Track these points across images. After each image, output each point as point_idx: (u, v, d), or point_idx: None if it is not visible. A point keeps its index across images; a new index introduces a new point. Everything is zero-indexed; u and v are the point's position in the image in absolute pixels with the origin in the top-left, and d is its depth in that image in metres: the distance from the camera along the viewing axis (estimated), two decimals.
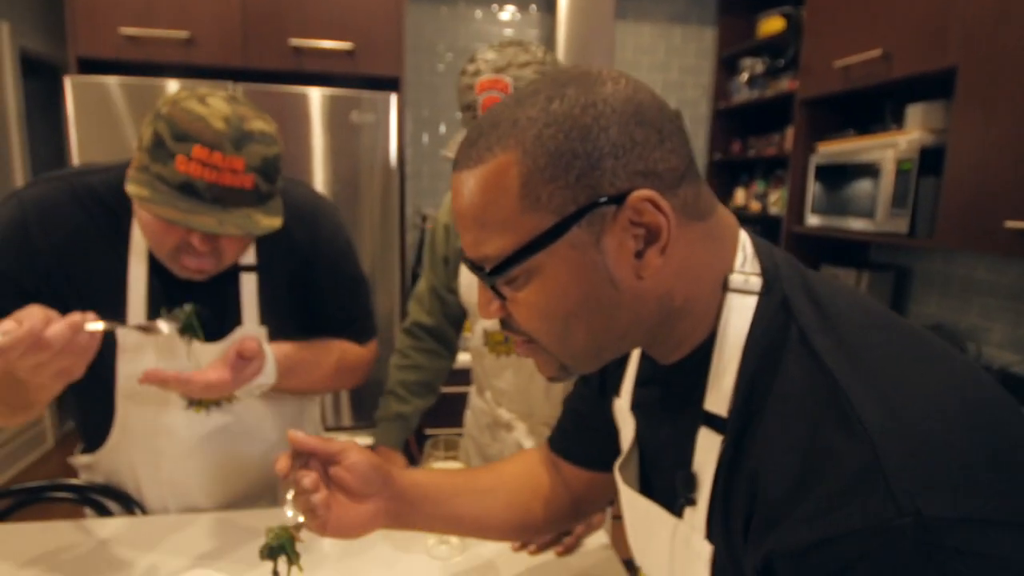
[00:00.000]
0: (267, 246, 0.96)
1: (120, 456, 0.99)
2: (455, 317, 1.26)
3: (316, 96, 1.90)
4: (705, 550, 0.50)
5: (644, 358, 0.62)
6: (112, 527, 0.97)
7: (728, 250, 0.51)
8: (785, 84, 2.28)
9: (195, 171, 0.76)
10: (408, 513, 0.70)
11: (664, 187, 0.46)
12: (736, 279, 0.50)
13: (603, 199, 0.45)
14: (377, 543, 0.97)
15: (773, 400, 0.45)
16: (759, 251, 0.51)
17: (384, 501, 0.68)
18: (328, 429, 2.06)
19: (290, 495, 0.64)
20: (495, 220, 0.47)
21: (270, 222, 0.82)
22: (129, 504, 1.02)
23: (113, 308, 0.92)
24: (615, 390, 0.67)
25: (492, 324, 1.15)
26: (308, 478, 0.63)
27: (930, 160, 1.61)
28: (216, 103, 0.79)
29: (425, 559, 0.93)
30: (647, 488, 0.62)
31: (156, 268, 0.91)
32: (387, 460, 1.08)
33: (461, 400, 1.38)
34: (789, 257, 0.52)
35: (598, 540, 0.99)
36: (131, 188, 0.78)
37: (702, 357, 0.51)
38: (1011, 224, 1.32)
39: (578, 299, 0.48)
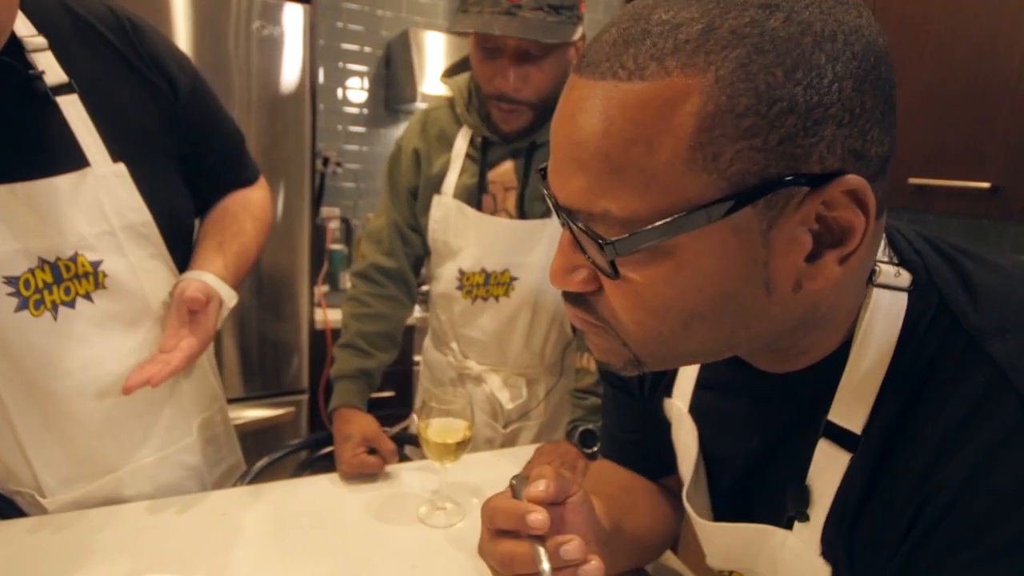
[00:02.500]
0: (69, 56, 0.72)
1: None
2: (417, 258, 1.11)
3: None
4: (822, 569, 0.44)
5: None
6: None
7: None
8: None
9: None
10: (615, 546, 0.56)
11: (870, 177, 0.34)
12: (886, 271, 0.40)
13: (802, 177, 0.33)
14: (363, 519, 0.82)
15: (937, 419, 0.38)
16: (892, 236, 0.43)
17: (596, 544, 0.51)
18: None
19: (545, 564, 0.46)
20: (639, 167, 0.33)
21: None
22: None
23: None
24: (666, 390, 0.59)
25: (471, 264, 1.02)
26: (574, 545, 0.45)
27: None
28: None
29: (423, 529, 0.82)
30: (725, 505, 0.55)
31: None
32: (361, 428, 0.92)
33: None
34: (926, 235, 0.44)
35: None
36: None
37: (830, 366, 0.42)
38: (914, 181, 1.47)
39: (716, 298, 0.36)
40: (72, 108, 0.71)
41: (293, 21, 1.61)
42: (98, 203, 0.72)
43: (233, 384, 1.83)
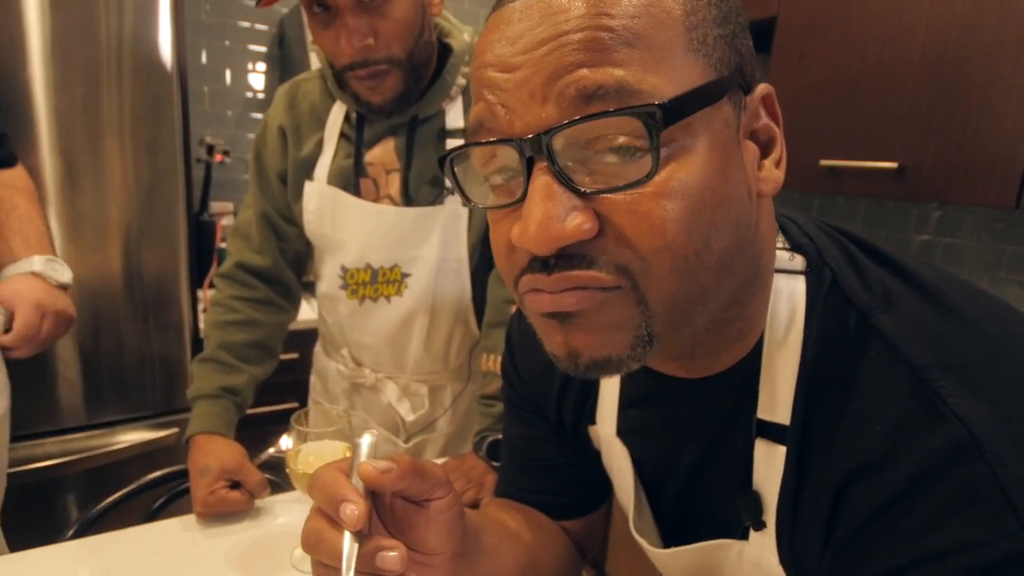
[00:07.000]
0: None
1: None
2: (295, 256, 0.96)
3: None
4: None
5: (633, 376, 0.49)
6: None
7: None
8: None
9: None
10: (464, 572, 0.47)
11: None
12: (781, 256, 0.41)
13: (745, 80, 0.36)
14: (223, 570, 0.68)
15: (841, 401, 0.37)
16: (784, 223, 0.43)
17: (451, 560, 0.44)
18: (47, 433, 1.48)
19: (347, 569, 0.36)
20: (648, 42, 0.32)
21: None
22: None
23: None
24: (590, 418, 0.55)
25: (353, 260, 0.89)
26: (394, 555, 0.37)
27: None
28: None
29: None
30: (670, 525, 0.51)
31: None
32: (219, 459, 0.77)
33: (286, 368, 1.07)
34: (814, 219, 0.45)
35: None
36: None
37: (751, 361, 0.41)
38: (825, 163, 1.46)
39: (723, 202, 0.34)
40: None
41: None
42: None
43: (106, 406, 1.60)
